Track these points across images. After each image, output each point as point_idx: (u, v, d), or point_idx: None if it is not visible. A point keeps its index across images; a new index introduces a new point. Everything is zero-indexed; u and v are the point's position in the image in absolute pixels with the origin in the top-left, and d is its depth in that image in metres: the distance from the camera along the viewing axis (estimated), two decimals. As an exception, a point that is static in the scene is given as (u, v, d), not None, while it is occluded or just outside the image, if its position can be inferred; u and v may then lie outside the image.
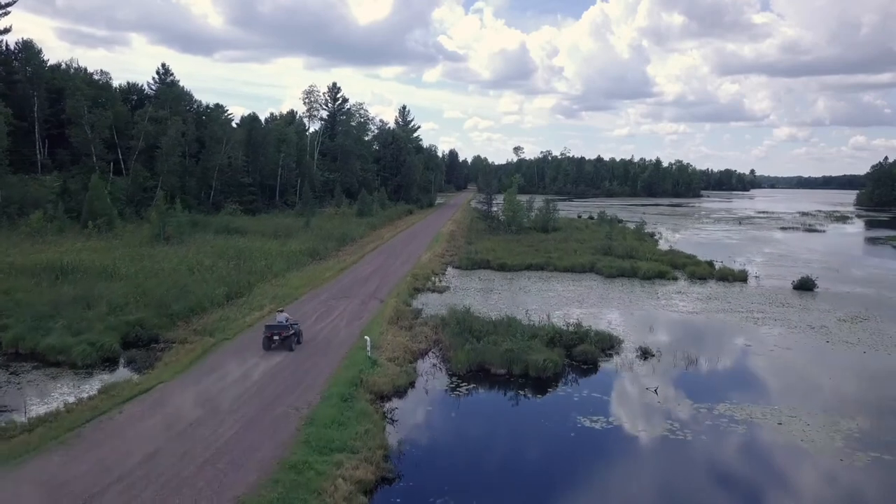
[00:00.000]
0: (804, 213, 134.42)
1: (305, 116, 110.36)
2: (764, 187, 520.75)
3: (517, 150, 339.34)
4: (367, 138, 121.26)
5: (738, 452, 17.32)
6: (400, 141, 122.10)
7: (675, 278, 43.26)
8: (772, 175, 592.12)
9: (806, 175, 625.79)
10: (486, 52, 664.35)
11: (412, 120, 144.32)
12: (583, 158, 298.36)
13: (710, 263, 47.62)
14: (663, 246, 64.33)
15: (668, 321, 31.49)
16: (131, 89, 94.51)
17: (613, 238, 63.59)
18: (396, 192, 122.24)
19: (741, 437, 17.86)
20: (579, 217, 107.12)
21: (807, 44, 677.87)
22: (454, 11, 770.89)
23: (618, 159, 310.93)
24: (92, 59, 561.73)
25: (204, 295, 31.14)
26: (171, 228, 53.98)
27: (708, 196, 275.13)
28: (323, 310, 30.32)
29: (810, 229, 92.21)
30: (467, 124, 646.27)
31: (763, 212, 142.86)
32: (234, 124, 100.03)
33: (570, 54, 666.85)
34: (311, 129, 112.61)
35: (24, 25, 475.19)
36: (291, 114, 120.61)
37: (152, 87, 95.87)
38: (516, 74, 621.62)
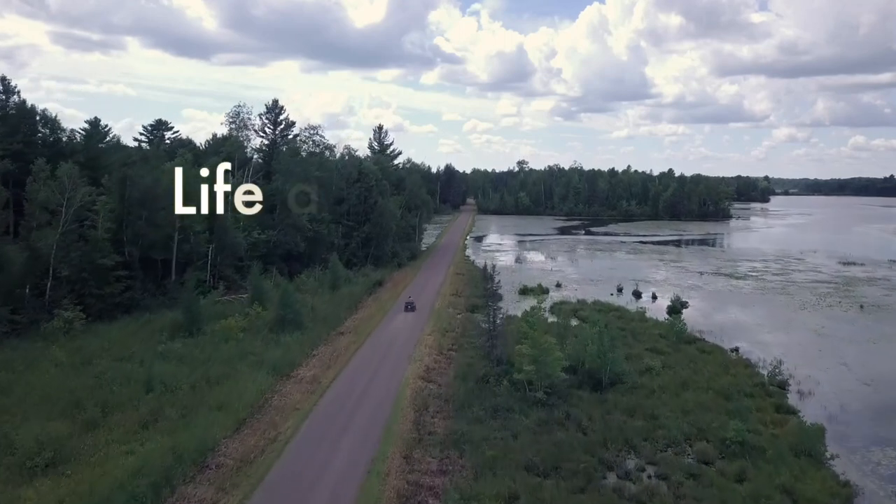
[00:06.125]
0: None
1: (229, 149, 77.83)
2: (777, 192, 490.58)
3: (521, 163, 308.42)
4: (325, 172, 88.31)
5: None
6: (369, 177, 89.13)
7: None
8: (776, 177, 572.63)
9: (812, 177, 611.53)
10: (484, 55, 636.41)
11: (391, 143, 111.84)
12: (594, 171, 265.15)
13: None
14: (840, 464, 31.75)
15: None
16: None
17: (745, 420, 31.73)
18: (365, 246, 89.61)
19: None
20: (620, 292, 74.55)
21: (805, 44, 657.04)
22: (451, 14, 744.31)
23: (630, 169, 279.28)
24: (87, 64, 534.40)
25: None
26: None
27: (737, 217, 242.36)
28: None
29: None
30: (466, 126, 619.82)
31: (848, 261, 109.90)
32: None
33: (568, 56, 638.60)
34: (245, 163, 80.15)
35: (18, 29, 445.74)
36: (220, 141, 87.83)
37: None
38: (514, 76, 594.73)
